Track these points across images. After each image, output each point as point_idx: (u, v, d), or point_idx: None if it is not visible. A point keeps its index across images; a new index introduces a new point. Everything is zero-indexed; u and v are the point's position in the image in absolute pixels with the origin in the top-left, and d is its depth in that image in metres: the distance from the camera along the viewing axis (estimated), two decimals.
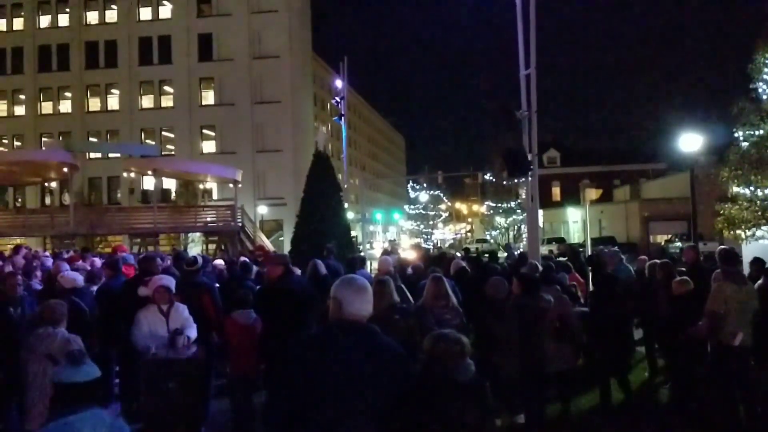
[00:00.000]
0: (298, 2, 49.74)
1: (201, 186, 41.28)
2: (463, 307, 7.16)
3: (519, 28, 13.11)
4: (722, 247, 7.30)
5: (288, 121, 47.29)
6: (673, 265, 8.89)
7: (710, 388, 6.96)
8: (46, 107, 50.30)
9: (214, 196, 44.42)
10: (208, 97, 49.25)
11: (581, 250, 23.37)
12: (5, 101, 50.63)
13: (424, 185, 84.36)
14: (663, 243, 42.83)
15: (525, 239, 47.64)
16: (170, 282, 6.78)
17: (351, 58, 29.97)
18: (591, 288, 10.29)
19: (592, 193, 48.75)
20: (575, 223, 57.29)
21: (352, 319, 3.04)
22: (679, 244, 37.40)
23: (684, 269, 9.06)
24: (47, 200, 47.34)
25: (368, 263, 21.70)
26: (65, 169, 27.92)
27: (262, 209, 43.83)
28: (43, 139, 49.57)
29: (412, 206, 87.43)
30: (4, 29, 50.54)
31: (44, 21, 50.47)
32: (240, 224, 29.42)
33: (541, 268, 9.21)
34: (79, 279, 7.60)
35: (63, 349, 4.69)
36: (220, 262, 12.87)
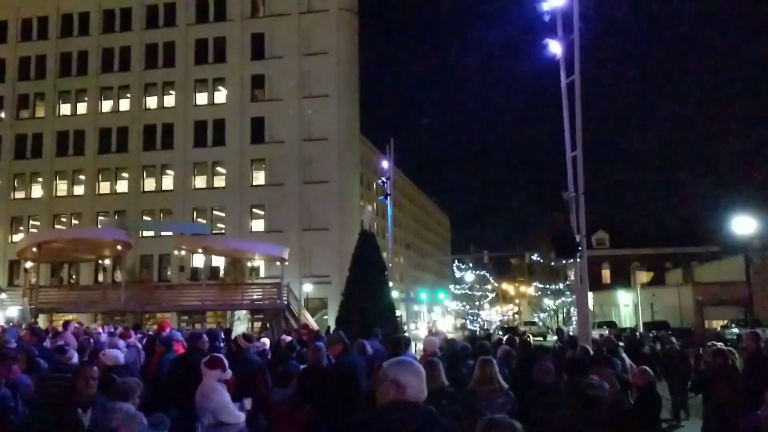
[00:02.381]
0: (347, 87, 51.37)
1: (249, 264, 41.88)
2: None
3: (565, 110, 13.24)
4: None
5: (335, 201, 48.07)
6: (730, 352, 8.58)
7: None
8: (104, 187, 52.29)
9: (261, 273, 44.82)
10: (259, 178, 50.58)
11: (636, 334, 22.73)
12: (66, 181, 52.93)
13: (470, 265, 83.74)
14: (719, 328, 41.31)
15: (574, 322, 46.49)
16: None
17: (397, 137, 30.53)
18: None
19: (643, 276, 47.67)
20: (626, 306, 55.79)
21: (412, 401, 3.04)
22: (736, 330, 36.01)
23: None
24: (100, 277, 48.37)
25: (413, 344, 21.43)
26: (119, 247, 28.79)
27: (308, 287, 44.01)
28: (100, 217, 51.19)
29: (457, 286, 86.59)
30: (69, 113, 53.45)
31: (106, 106, 53.16)
32: (286, 302, 29.59)
33: (592, 352, 8.97)
34: (121, 357, 7.70)
35: (127, 425, 4.72)
36: (265, 340, 12.87)
